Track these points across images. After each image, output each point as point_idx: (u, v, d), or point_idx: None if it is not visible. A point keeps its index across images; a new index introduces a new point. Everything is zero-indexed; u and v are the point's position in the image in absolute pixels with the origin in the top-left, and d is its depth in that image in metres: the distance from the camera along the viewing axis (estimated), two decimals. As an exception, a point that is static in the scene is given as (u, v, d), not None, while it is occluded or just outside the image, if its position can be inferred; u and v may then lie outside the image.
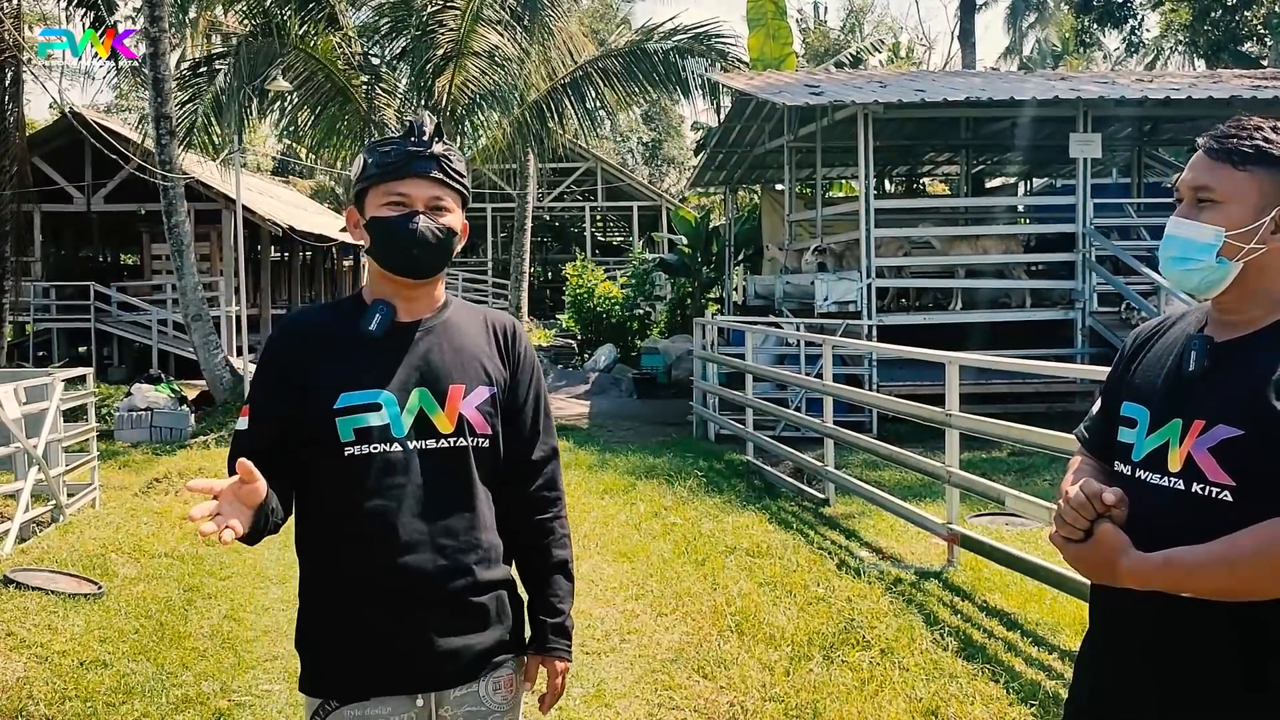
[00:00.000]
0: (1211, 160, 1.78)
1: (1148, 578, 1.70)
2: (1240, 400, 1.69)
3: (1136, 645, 1.80)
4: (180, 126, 14.58)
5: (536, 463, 2.25)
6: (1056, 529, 1.81)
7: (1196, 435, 1.72)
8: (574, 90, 16.14)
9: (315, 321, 2.22)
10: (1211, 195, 1.77)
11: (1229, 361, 1.75)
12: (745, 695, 4.49)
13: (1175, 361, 1.82)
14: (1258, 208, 1.74)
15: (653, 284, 21.42)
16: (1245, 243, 1.74)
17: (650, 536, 7.33)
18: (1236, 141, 1.76)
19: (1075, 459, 2.02)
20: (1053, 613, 5.34)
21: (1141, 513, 1.75)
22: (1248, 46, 23.80)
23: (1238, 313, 1.79)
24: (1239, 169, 1.75)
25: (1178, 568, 1.67)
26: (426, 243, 2.08)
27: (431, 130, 2.11)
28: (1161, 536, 1.70)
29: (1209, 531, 1.66)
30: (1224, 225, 1.75)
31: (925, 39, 49.71)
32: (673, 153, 49.01)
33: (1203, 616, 1.69)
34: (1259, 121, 1.78)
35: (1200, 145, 1.82)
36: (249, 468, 1.89)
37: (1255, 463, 1.65)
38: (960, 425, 6.23)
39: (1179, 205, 1.83)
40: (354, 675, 2.07)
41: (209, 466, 10.07)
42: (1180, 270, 1.82)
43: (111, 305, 20.51)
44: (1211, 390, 1.74)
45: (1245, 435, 1.67)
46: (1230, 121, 1.81)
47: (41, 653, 5.12)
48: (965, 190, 18.46)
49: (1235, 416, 1.68)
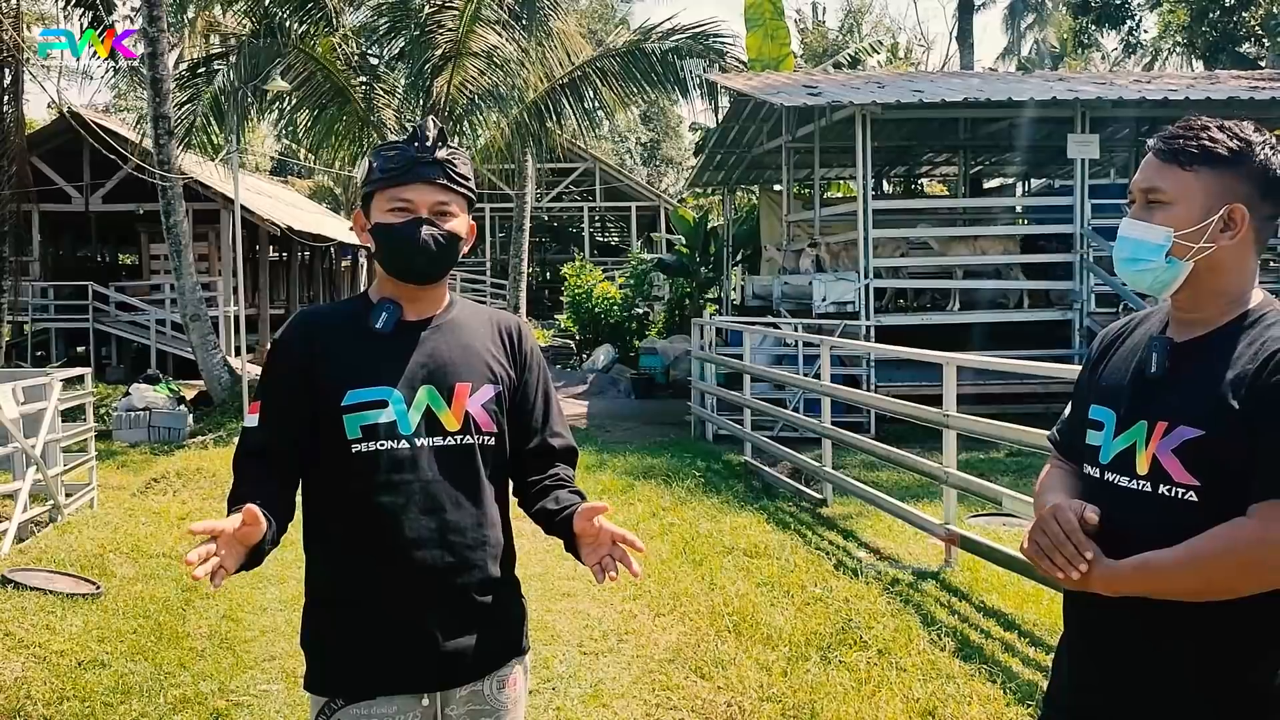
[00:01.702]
0: (1160, 162, 1.81)
1: (1119, 584, 1.72)
2: (1201, 401, 1.71)
3: (1110, 646, 1.81)
4: (179, 127, 14.58)
5: (555, 452, 2.29)
6: (1037, 554, 1.79)
7: (1160, 437, 1.74)
8: (572, 90, 16.13)
9: (324, 319, 2.23)
10: (1160, 196, 1.79)
11: (1189, 362, 1.77)
12: (743, 695, 4.50)
13: (1139, 364, 1.84)
14: (1205, 207, 1.76)
15: (651, 284, 21.43)
16: (1194, 242, 1.77)
17: (648, 537, 7.33)
18: (1183, 142, 1.78)
19: (1047, 466, 2.04)
20: (1049, 613, 5.34)
21: (1111, 515, 1.76)
22: (1245, 48, 23.82)
23: (1194, 311, 1.81)
24: (1186, 169, 1.77)
25: (1146, 572, 1.69)
26: (429, 251, 2.09)
27: (435, 135, 2.11)
28: (1131, 539, 1.72)
29: (1178, 533, 1.68)
30: (1173, 226, 1.78)
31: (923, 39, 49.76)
32: (671, 153, 49.04)
33: (1174, 617, 1.71)
34: (1205, 121, 1.80)
35: (1149, 147, 1.84)
36: (255, 514, 1.89)
37: (1217, 462, 1.68)
38: (958, 426, 6.24)
39: (1131, 207, 1.85)
40: (360, 674, 2.07)
41: (207, 467, 10.07)
42: (1133, 271, 1.84)
43: (110, 305, 20.50)
44: (1173, 392, 1.76)
45: (1206, 435, 1.69)
46: (1179, 122, 1.83)
47: (39, 653, 5.12)
48: (963, 191, 18.48)
49: (1196, 417, 1.70)
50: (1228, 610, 1.67)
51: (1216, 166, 1.76)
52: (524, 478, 2.27)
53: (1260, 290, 1.82)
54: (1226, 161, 1.76)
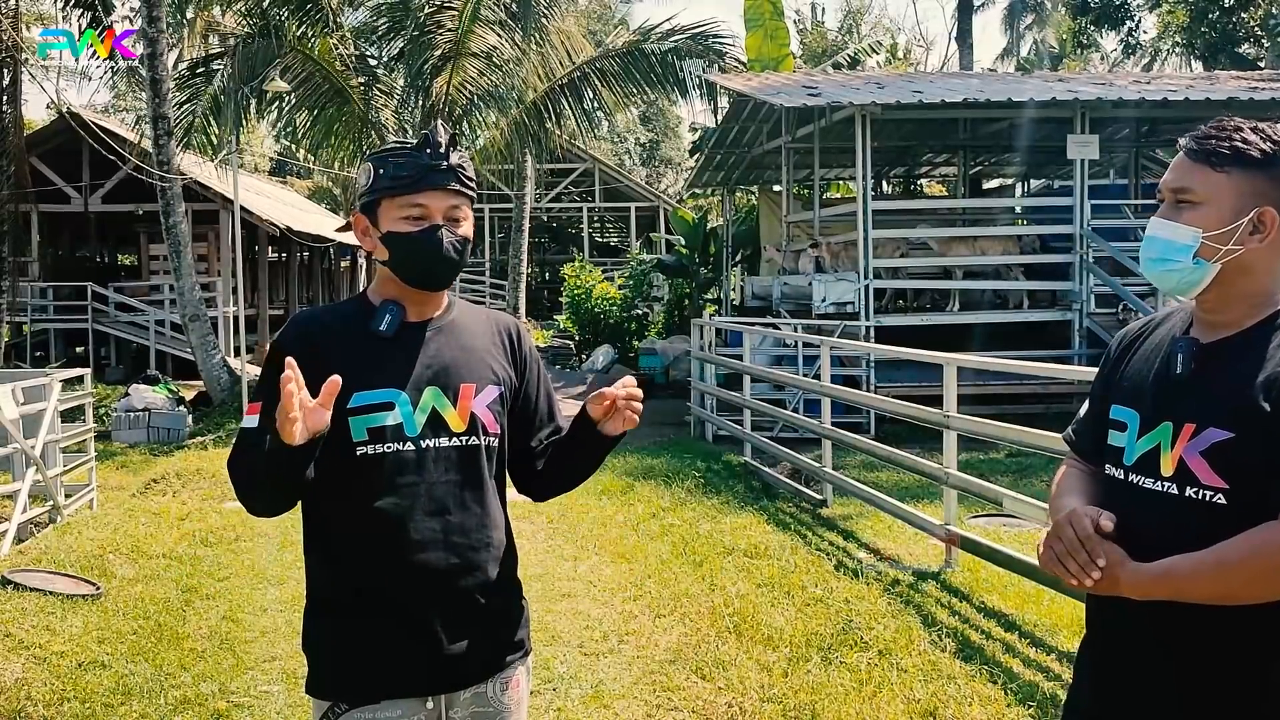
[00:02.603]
0: (1191, 162, 1.79)
1: (1147, 589, 1.71)
2: (1229, 402, 1.70)
3: (1136, 649, 1.80)
4: (178, 127, 14.58)
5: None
6: (1051, 561, 1.78)
7: (1188, 439, 1.72)
8: (571, 91, 16.13)
9: (325, 321, 2.21)
10: (1190, 197, 1.78)
11: (1215, 363, 1.76)
12: (743, 696, 4.50)
13: (1163, 364, 1.83)
14: (1235, 209, 1.75)
15: (650, 285, 21.42)
16: (1223, 244, 1.75)
17: (648, 537, 7.34)
18: (1215, 143, 1.77)
19: (1063, 467, 2.03)
20: (1050, 614, 5.35)
21: (1136, 518, 1.75)
22: (1245, 48, 23.81)
23: (1220, 313, 1.79)
24: (1217, 171, 1.76)
25: (1175, 577, 1.68)
26: (450, 258, 2.09)
27: (447, 142, 2.10)
28: (1157, 541, 1.71)
29: (1205, 535, 1.66)
30: (1201, 227, 1.76)
31: (923, 40, 49.77)
32: (670, 153, 49.01)
33: (1201, 619, 1.69)
34: (1239, 123, 1.78)
35: (1181, 146, 1.83)
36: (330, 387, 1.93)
37: (1246, 465, 1.66)
38: (958, 426, 6.24)
39: (1160, 206, 1.84)
40: (364, 677, 2.06)
41: (206, 468, 10.07)
42: (1160, 271, 1.83)
43: (109, 306, 20.48)
44: (1200, 393, 1.75)
45: (1236, 437, 1.67)
46: (1211, 123, 1.81)
47: (40, 654, 5.12)
48: (963, 191, 18.49)
49: (1225, 419, 1.69)
50: (1253, 615, 1.66)
51: (1248, 168, 1.74)
52: (530, 468, 2.28)
53: None
54: (1259, 164, 1.74)
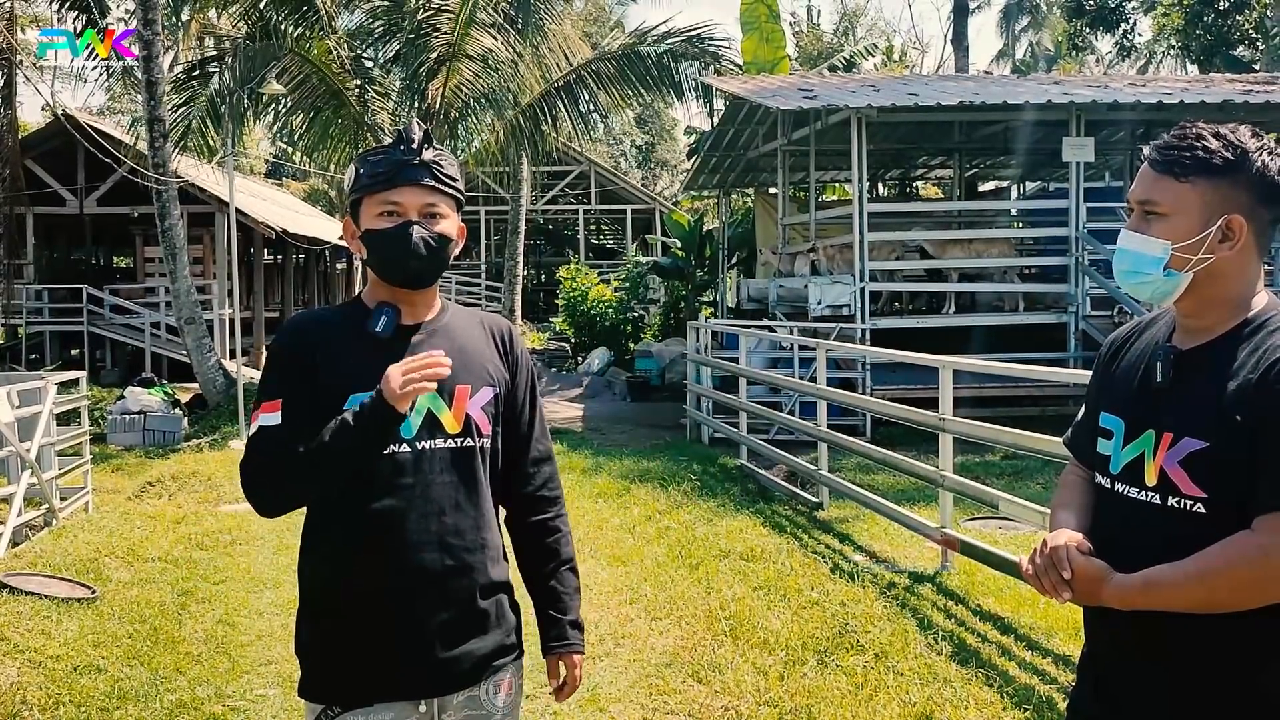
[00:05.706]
0: (1155, 173, 1.79)
1: (1129, 599, 1.73)
2: (1205, 412, 1.70)
3: (1129, 656, 1.82)
4: (174, 129, 14.56)
5: (537, 461, 2.29)
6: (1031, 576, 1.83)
7: (1167, 448, 1.73)
8: (567, 93, 16.12)
9: (320, 323, 2.21)
10: (1157, 209, 1.78)
11: (1193, 371, 1.77)
12: (739, 699, 4.50)
13: (1145, 372, 1.83)
14: (1202, 219, 1.75)
15: (646, 287, 21.41)
16: (1193, 254, 1.75)
17: (644, 540, 7.33)
18: (1178, 153, 1.76)
19: (1065, 474, 2.05)
20: (1046, 617, 5.35)
21: (1122, 527, 1.77)
22: (1240, 51, 23.86)
23: (1198, 318, 1.80)
24: (1181, 181, 1.75)
25: (1155, 587, 1.70)
26: (420, 253, 2.08)
27: (420, 137, 2.11)
28: (1142, 550, 1.72)
29: (1188, 544, 1.67)
30: (1170, 239, 1.76)
31: (918, 42, 49.75)
32: (666, 156, 49.04)
33: (1190, 628, 1.70)
34: (1200, 129, 1.78)
35: (1145, 157, 1.82)
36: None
37: (1223, 474, 1.67)
38: (954, 429, 6.24)
39: (1129, 217, 1.84)
40: (357, 680, 2.06)
41: (202, 470, 10.05)
42: (1133, 283, 1.84)
43: (104, 308, 20.46)
44: (1178, 402, 1.76)
45: (1211, 447, 1.68)
46: (1174, 130, 1.80)
47: (35, 657, 5.11)
48: (958, 194, 18.51)
49: (1201, 429, 1.70)
50: (1241, 623, 1.67)
51: (1212, 177, 1.74)
52: (511, 483, 2.27)
53: (1266, 293, 1.81)
54: (1222, 171, 1.74)
